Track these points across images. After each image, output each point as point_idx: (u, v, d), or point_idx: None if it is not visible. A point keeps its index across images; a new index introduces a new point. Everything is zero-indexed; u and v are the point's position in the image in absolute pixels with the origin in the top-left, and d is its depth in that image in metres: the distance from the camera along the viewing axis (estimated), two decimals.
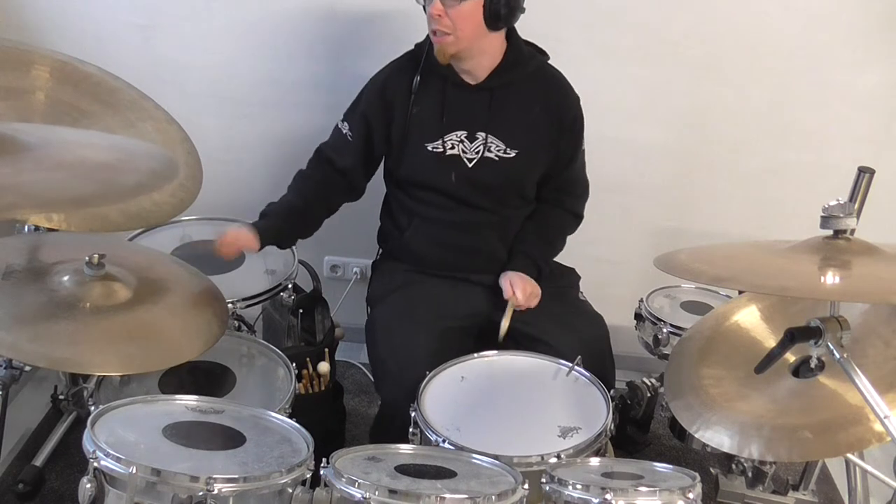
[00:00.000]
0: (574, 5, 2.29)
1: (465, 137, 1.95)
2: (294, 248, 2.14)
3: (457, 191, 1.97)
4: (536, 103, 1.96)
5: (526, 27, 1.94)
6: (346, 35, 2.38)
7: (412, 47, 2.00)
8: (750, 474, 2.02)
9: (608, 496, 1.29)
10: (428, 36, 1.92)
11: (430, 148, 1.95)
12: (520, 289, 1.94)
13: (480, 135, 1.95)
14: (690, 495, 1.32)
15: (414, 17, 1.89)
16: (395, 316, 1.94)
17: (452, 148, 1.95)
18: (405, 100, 1.95)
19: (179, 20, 2.38)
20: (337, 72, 2.41)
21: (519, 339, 1.91)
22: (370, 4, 2.32)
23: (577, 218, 2.14)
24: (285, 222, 1.97)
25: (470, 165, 1.96)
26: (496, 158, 1.96)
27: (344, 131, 2.01)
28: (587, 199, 2.14)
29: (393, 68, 2.00)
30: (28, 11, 2.38)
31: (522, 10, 1.86)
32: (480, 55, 1.90)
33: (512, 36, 1.94)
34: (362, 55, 2.31)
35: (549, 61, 2.01)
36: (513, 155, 1.96)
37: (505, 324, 1.90)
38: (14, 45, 1.89)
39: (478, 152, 1.95)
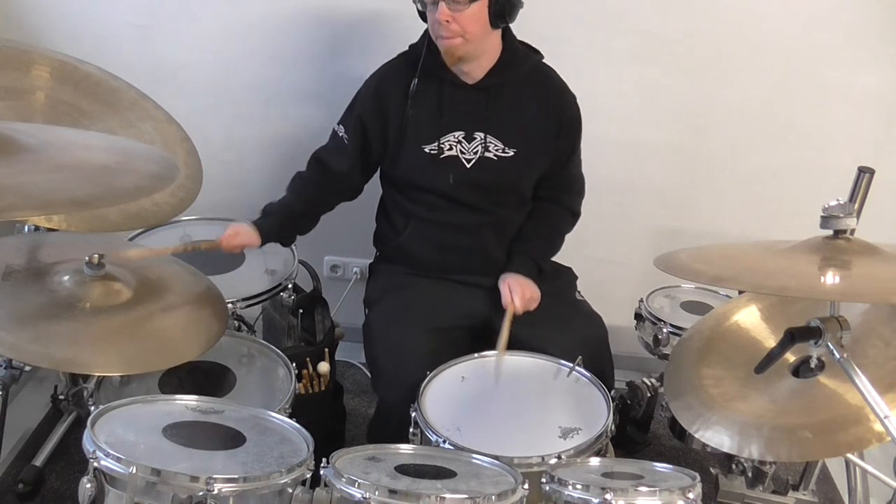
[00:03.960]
0: (575, 5, 2.29)
1: (463, 138, 1.95)
2: (294, 248, 2.14)
3: (454, 192, 1.97)
4: (533, 102, 1.96)
5: (526, 26, 1.94)
6: (344, 35, 2.38)
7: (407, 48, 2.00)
8: (750, 474, 2.02)
9: (608, 496, 1.29)
10: (423, 37, 1.92)
11: (426, 150, 1.95)
12: (518, 295, 1.93)
13: (479, 135, 1.95)
14: (690, 495, 1.32)
15: (413, 17, 1.89)
16: (392, 318, 1.94)
17: (450, 149, 1.95)
18: (400, 101, 1.95)
19: (179, 20, 2.38)
20: (336, 71, 2.41)
21: (517, 340, 1.90)
22: (369, 5, 2.32)
23: (575, 216, 2.14)
24: (286, 220, 2.00)
25: (468, 166, 1.96)
26: (495, 158, 1.95)
27: (340, 134, 2.01)
28: (583, 196, 2.14)
29: (386, 70, 2.00)
30: (28, 11, 2.38)
31: (521, 5, 1.86)
32: (483, 55, 1.90)
33: (506, 35, 1.93)
34: (361, 55, 2.31)
35: (550, 61, 2.01)
36: (511, 154, 1.96)
37: (504, 334, 1.86)
38: (14, 45, 1.90)
39: (476, 152, 1.95)
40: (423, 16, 1.88)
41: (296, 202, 2.02)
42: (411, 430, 1.63)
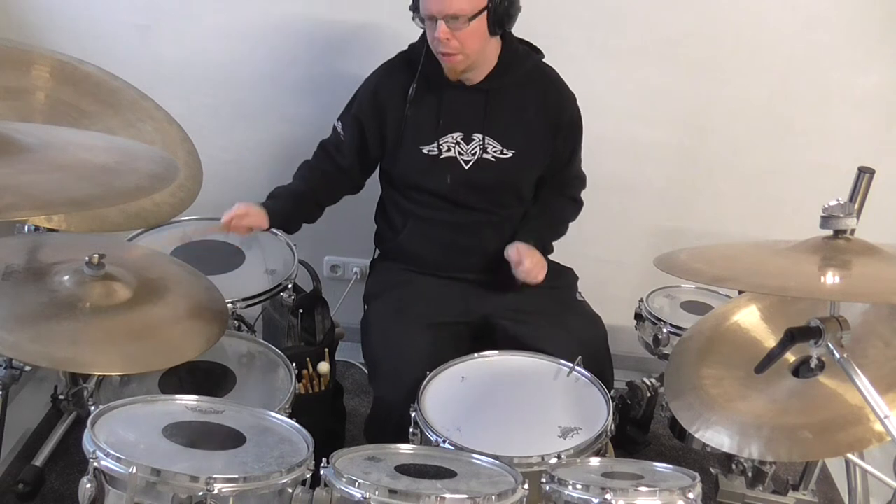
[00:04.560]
0: (575, 5, 2.29)
1: (462, 139, 1.95)
2: (294, 247, 2.14)
3: (452, 193, 1.97)
4: (532, 103, 1.96)
5: (527, 26, 1.94)
6: (344, 35, 2.38)
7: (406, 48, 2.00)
8: (750, 474, 2.02)
9: (608, 496, 1.29)
10: (422, 38, 1.92)
11: (424, 150, 1.95)
12: (528, 257, 1.92)
13: (477, 136, 1.95)
14: (690, 495, 1.32)
15: (411, 18, 1.89)
16: (391, 313, 1.94)
17: (448, 150, 1.95)
18: (398, 102, 1.95)
19: (179, 20, 2.38)
20: (335, 71, 2.41)
21: (517, 340, 1.90)
22: (368, 5, 2.32)
23: (578, 203, 2.14)
24: (294, 206, 2.01)
25: (466, 167, 1.96)
26: (493, 159, 1.95)
27: (339, 131, 2.03)
28: (585, 188, 2.14)
29: (385, 70, 2.00)
30: (28, 11, 2.38)
31: (520, 9, 1.86)
32: (483, 61, 1.90)
33: (506, 36, 1.93)
34: (360, 55, 2.31)
35: (550, 61, 2.01)
36: (510, 155, 1.95)
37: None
38: (14, 45, 1.90)
39: (474, 154, 1.95)
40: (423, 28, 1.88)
41: (303, 187, 2.03)
42: (411, 429, 1.63)
